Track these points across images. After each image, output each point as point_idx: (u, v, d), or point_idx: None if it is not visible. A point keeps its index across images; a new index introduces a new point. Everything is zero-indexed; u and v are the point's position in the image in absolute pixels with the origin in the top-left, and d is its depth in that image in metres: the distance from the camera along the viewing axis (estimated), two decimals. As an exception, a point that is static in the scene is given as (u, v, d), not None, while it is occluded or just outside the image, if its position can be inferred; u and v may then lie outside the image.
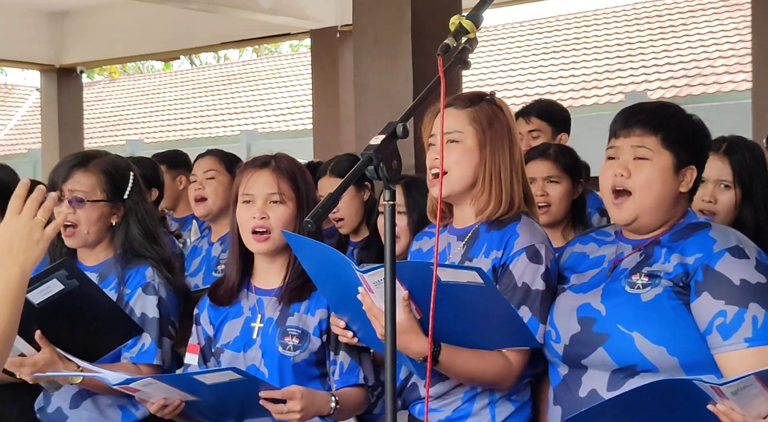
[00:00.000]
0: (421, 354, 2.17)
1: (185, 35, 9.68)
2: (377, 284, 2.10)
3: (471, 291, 2.09)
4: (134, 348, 2.65)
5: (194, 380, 2.33)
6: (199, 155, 4.10)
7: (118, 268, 2.72)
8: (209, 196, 3.92)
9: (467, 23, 2.03)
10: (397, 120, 1.92)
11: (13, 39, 9.91)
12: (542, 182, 3.39)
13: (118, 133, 18.86)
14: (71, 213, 2.68)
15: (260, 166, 2.56)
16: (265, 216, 2.51)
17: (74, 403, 2.71)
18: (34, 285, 2.40)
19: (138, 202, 2.78)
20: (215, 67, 22.23)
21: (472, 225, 2.41)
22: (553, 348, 2.26)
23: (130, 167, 2.82)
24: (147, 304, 2.67)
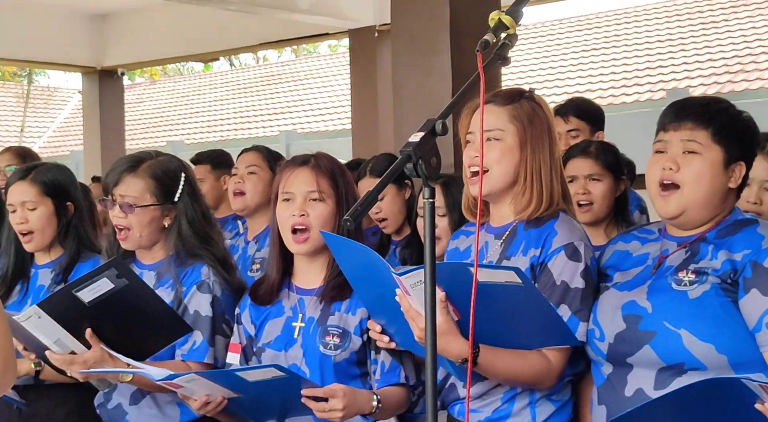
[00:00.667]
0: (460, 356, 2.16)
1: (224, 36, 9.73)
2: (414, 286, 2.09)
3: (509, 291, 2.07)
4: (185, 345, 2.67)
5: (237, 377, 2.34)
6: (244, 150, 4.10)
7: (173, 268, 2.73)
8: (248, 190, 3.92)
9: (507, 19, 2.01)
10: (436, 117, 1.91)
11: (55, 42, 10.03)
12: (584, 180, 3.35)
13: (159, 135, 19.02)
14: (123, 217, 2.72)
15: (300, 163, 2.57)
16: (304, 213, 2.51)
17: (134, 400, 2.73)
18: (84, 284, 2.43)
19: (189, 203, 2.78)
20: (254, 68, 22.34)
21: (510, 224, 2.39)
22: (596, 347, 2.23)
23: (181, 169, 2.82)
24: (201, 302, 2.68)
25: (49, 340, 2.50)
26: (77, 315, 2.46)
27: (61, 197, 3.02)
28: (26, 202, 2.97)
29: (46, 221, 2.99)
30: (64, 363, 2.51)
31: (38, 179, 3.00)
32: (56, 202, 3.01)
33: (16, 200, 2.98)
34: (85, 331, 2.48)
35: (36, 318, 2.44)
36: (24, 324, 2.45)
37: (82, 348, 2.51)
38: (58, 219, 3.01)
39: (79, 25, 10.11)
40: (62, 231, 3.02)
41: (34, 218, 2.97)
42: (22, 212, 2.98)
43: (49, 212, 2.99)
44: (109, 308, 2.47)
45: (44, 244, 3.01)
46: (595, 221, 3.35)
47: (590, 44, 15.43)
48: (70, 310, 2.45)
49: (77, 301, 2.43)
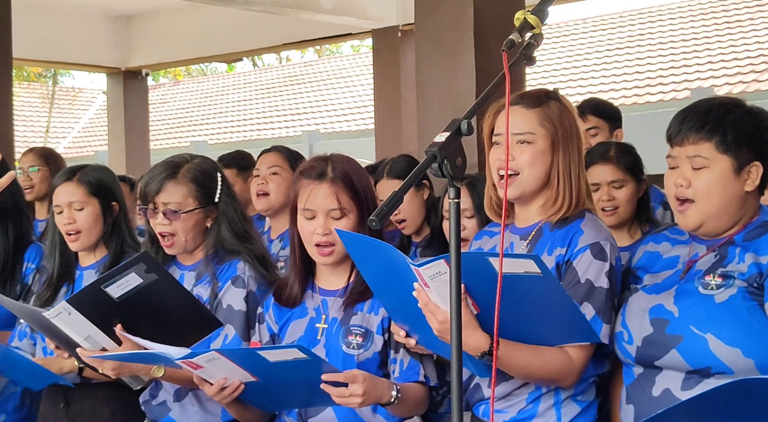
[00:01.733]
0: (479, 350, 2.15)
1: (248, 37, 9.76)
2: (433, 278, 2.07)
3: (529, 283, 2.05)
4: (217, 339, 2.68)
5: (258, 356, 2.32)
6: (264, 150, 4.13)
7: (211, 266, 2.76)
8: (271, 191, 3.94)
9: (532, 18, 2.01)
10: (462, 117, 1.91)
11: (80, 43, 10.09)
12: (608, 187, 3.33)
13: (183, 135, 19.11)
14: (167, 224, 2.75)
15: (317, 177, 2.51)
16: (327, 231, 2.49)
17: (178, 396, 2.76)
18: (113, 279, 2.44)
19: (228, 202, 2.83)
20: (277, 69, 22.39)
21: (536, 224, 2.38)
22: (625, 350, 2.22)
23: (216, 169, 2.86)
24: (235, 297, 2.70)
25: (80, 337, 2.50)
26: (107, 310, 2.47)
27: (107, 197, 3.05)
28: (73, 202, 3.00)
29: (93, 221, 3.01)
30: (95, 360, 2.53)
31: (84, 180, 3.02)
32: (102, 202, 3.03)
33: (62, 201, 3.00)
34: (116, 328, 2.49)
35: (66, 315, 2.44)
36: (54, 321, 2.46)
37: (112, 345, 2.52)
38: (104, 219, 3.03)
39: (104, 26, 10.17)
40: (107, 231, 3.04)
41: (81, 218, 3.00)
42: (69, 212, 3.00)
43: (95, 212, 3.02)
44: (139, 303, 2.48)
45: (90, 243, 3.04)
46: (620, 223, 3.34)
47: (614, 43, 15.36)
48: (99, 306, 2.46)
49: (106, 297, 2.44)
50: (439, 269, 2.05)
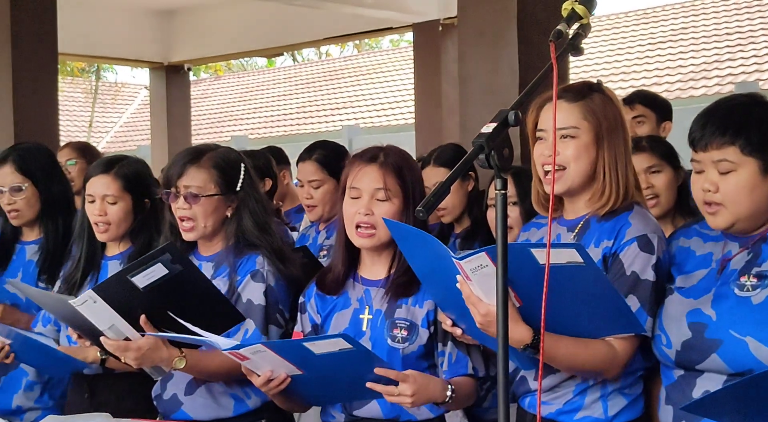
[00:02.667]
0: (522, 343, 2.14)
1: (288, 31, 9.80)
2: (474, 271, 2.07)
3: (572, 273, 2.04)
4: (237, 334, 2.67)
5: (303, 347, 2.32)
6: (301, 157, 4.06)
7: (231, 258, 2.75)
8: (318, 203, 3.94)
9: (580, 8, 2.00)
10: (509, 108, 1.90)
11: (124, 38, 10.19)
12: (645, 175, 3.30)
13: (224, 130, 19.23)
14: (187, 208, 2.75)
15: (368, 160, 2.55)
16: (369, 212, 2.51)
17: (189, 390, 2.75)
18: (139, 269, 2.44)
19: (250, 193, 2.81)
20: (317, 64, 22.46)
21: (583, 216, 2.37)
22: (664, 353, 2.20)
23: (241, 159, 2.85)
24: (254, 291, 2.70)
25: (104, 326, 2.52)
26: (132, 300, 2.48)
27: (140, 193, 3.06)
28: (107, 195, 3.01)
29: (124, 216, 3.03)
30: (118, 349, 2.53)
31: (121, 173, 3.03)
32: (135, 198, 3.05)
33: (96, 192, 3.02)
34: (140, 318, 2.50)
35: (91, 303, 2.46)
36: (79, 309, 2.47)
37: (136, 335, 2.52)
38: (135, 214, 3.05)
39: (146, 21, 10.26)
40: (136, 226, 3.06)
41: (112, 212, 3.01)
42: (102, 204, 3.01)
43: (127, 207, 3.03)
44: (163, 294, 2.48)
45: (117, 236, 3.06)
46: (663, 214, 3.30)
47: (657, 37, 15.21)
48: (124, 296, 2.47)
49: (132, 286, 2.45)
50: (481, 262, 2.04)
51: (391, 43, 25.19)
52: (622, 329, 2.20)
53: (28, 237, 3.41)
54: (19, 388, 3.26)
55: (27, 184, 3.32)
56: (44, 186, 3.34)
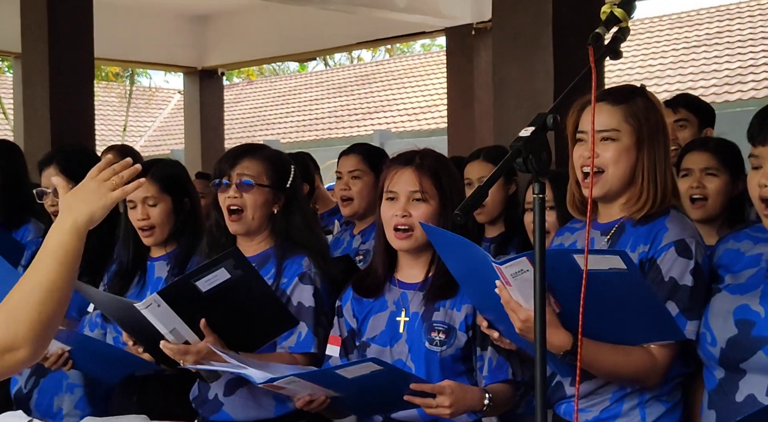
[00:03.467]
0: (561, 349, 2.13)
1: (321, 36, 9.82)
2: (515, 276, 2.06)
3: (614, 280, 2.02)
4: (291, 337, 2.70)
5: (335, 374, 2.35)
6: (344, 152, 4.11)
7: (278, 257, 2.77)
8: (355, 196, 3.93)
9: (619, 12, 1.99)
10: (547, 111, 1.89)
11: (158, 43, 10.27)
12: (699, 174, 3.26)
13: (256, 134, 19.33)
14: (237, 197, 2.77)
15: (404, 163, 2.57)
16: (407, 214, 2.52)
17: (228, 390, 2.77)
18: (203, 274, 2.47)
19: (298, 193, 2.86)
20: (349, 68, 22.51)
21: (618, 220, 2.35)
22: (708, 351, 2.17)
23: (291, 161, 2.91)
24: (303, 293, 2.72)
25: (166, 329, 2.54)
26: (193, 304, 2.51)
27: (179, 193, 3.09)
28: (147, 198, 3.04)
29: (166, 217, 3.05)
30: (178, 352, 2.55)
31: (157, 176, 3.06)
32: (175, 198, 3.07)
33: (137, 196, 3.04)
34: (200, 322, 2.53)
35: (155, 306, 2.49)
36: (144, 312, 2.50)
37: (195, 339, 2.55)
38: (176, 215, 3.07)
39: (181, 26, 10.33)
40: (179, 226, 3.08)
41: (154, 214, 3.04)
42: (143, 208, 3.04)
43: (168, 208, 3.06)
44: (223, 298, 2.50)
45: (162, 239, 3.08)
46: (708, 218, 3.25)
47: (692, 41, 15.09)
48: (187, 299, 2.49)
49: (195, 291, 2.48)
50: (521, 267, 2.03)
51: (423, 47, 25.21)
52: (663, 336, 2.19)
53: None
54: (60, 391, 3.28)
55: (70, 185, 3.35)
56: None
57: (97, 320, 3.16)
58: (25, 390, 3.33)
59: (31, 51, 6.69)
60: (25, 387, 3.33)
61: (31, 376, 3.32)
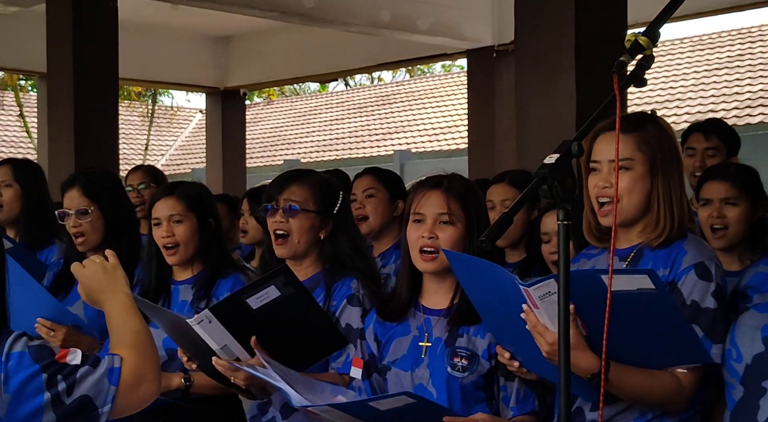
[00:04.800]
0: (589, 372, 2.13)
1: (343, 57, 9.88)
2: (542, 298, 2.07)
3: (640, 301, 2.03)
4: (340, 358, 2.72)
5: (369, 407, 2.34)
6: (357, 175, 4.16)
7: (327, 281, 2.80)
8: (370, 214, 3.97)
9: (643, 40, 2.01)
10: (572, 138, 1.90)
11: (182, 63, 10.36)
12: (719, 204, 3.24)
13: (276, 153, 19.40)
14: (284, 222, 2.81)
15: (432, 186, 2.58)
16: (433, 236, 2.52)
17: (285, 413, 2.78)
18: (254, 291, 2.49)
19: (346, 219, 2.89)
20: (369, 88, 22.58)
21: (636, 245, 2.36)
22: (732, 368, 2.17)
23: (340, 187, 2.94)
24: (352, 315, 2.74)
25: (217, 346, 2.56)
26: (244, 321, 2.53)
27: (204, 213, 3.11)
28: (173, 215, 3.06)
29: (191, 235, 3.07)
30: (229, 369, 2.58)
31: (184, 194, 3.09)
32: (199, 218, 3.09)
33: (162, 214, 3.07)
34: (251, 339, 2.55)
35: (207, 323, 2.51)
36: (195, 328, 2.52)
37: (246, 356, 2.57)
38: (201, 235, 3.09)
39: (204, 47, 10.42)
40: (203, 247, 3.10)
41: (179, 232, 3.06)
42: (168, 226, 3.06)
43: (193, 227, 3.08)
44: (274, 316, 2.53)
45: (187, 258, 3.09)
46: (729, 247, 3.25)
47: (713, 64, 15.04)
48: (238, 316, 2.52)
49: (246, 308, 2.50)
50: (549, 289, 2.04)
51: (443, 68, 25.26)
52: (689, 359, 2.19)
53: None
54: None
55: (93, 207, 3.37)
56: (109, 210, 3.38)
57: None
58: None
59: (57, 70, 6.78)
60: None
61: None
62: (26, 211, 3.90)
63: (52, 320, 3.21)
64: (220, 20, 9.18)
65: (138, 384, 1.90)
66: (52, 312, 3.24)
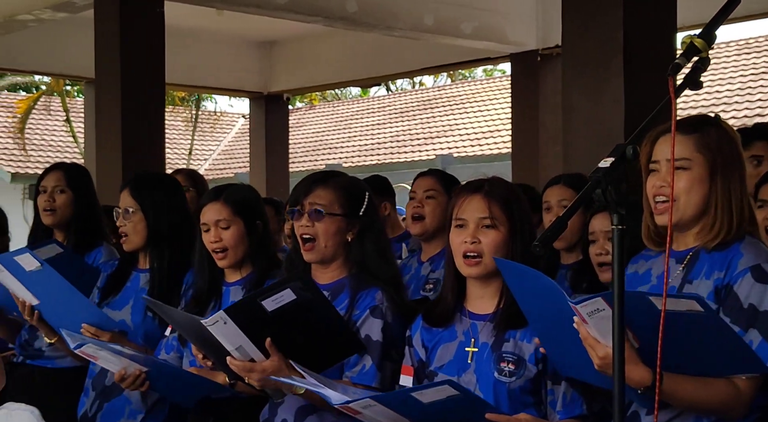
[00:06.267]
0: (641, 384, 2.11)
1: (386, 61, 9.90)
2: (591, 315, 2.06)
3: (692, 319, 2.02)
4: (355, 367, 2.69)
5: (411, 397, 2.32)
6: (421, 173, 4.17)
7: (352, 288, 2.78)
8: (427, 215, 3.96)
9: (699, 42, 1.99)
10: (626, 142, 1.89)
11: (226, 68, 10.44)
12: None
13: (318, 158, 19.48)
14: (309, 226, 2.80)
15: (473, 190, 2.57)
16: (476, 240, 2.51)
17: (299, 417, 2.77)
18: (269, 293, 2.49)
19: (373, 221, 2.86)
20: (411, 93, 22.59)
21: (693, 248, 2.34)
22: None
23: (366, 188, 2.92)
24: (373, 327, 2.71)
25: (231, 346, 2.56)
26: (259, 323, 2.53)
27: (251, 216, 3.12)
28: (220, 221, 3.08)
29: (239, 239, 3.09)
30: (243, 369, 2.58)
31: (230, 199, 3.10)
32: (247, 221, 3.10)
33: (210, 219, 3.09)
34: (266, 340, 2.54)
35: (221, 324, 2.51)
36: (210, 328, 2.53)
37: (261, 357, 2.57)
38: (249, 238, 3.11)
39: (248, 52, 10.50)
40: (253, 249, 3.12)
41: (227, 236, 3.07)
42: (216, 231, 3.08)
43: (241, 230, 3.09)
44: (289, 319, 2.52)
45: (236, 261, 3.11)
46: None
47: (759, 67, 14.86)
48: (253, 318, 2.51)
49: (261, 310, 2.50)
50: (597, 306, 2.04)
51: (485, 72, 25.20)
52: (744, 369, 2.16)
53: (143, 266, 3.48)
54: (121, 416, 3.32)
55: (135, 208, 3.41)
56: (152, 215, 3.40)
57: (174, 343, 3.20)
58: (90, 413, 3.38)
59: (104, 76, 6.86)
60: (90, 410, 3.39)
61: (96, 400, 3.38)
62: (77, 215, 3.95)
63: (96, 327, 3.26)
64: (264, 25, 9.24)
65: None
66: (94, 319, 3.29)
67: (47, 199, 3.93)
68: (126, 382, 3.02)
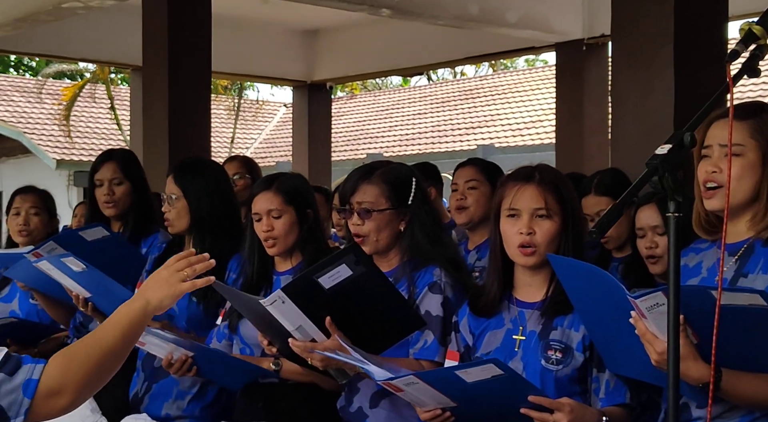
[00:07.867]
0: (700, 381, 2.10)
1: (429, 50, 9.87)
2: (650, 310, 2.05)
3: (752, 314, 2.00)
4: (417, 344, 2.72)
5: (456, 376, 2.32)
6: (460, 164, 4.17)
7: (408, 271, 2.81)
8: (471, 205, 3.97)
9: (758, 29, 1.96)
10: (684, 128, 1.88)
11: (269, 57, 10.47)
12: None
13: (359, 147, 19.50)
14: (360, 224, 2.83)
15: (525, 179, 2.56)
16: (532, 231, 2.51)
17: (373, 402, 2.81)
18: (325, 270, 2.50)
19: (421, 207, 2.87)
20: (452, 83, 22.53)
21: (746, 240, 2.30)
22: None
23: (412, 174, 2.92)
24: (432, 303, 2.74)
25: (291, 327, 2.59)
26: (317, 301, 2.55)
27: (302, 205, 3.15)
28: (272, 210, 3.11)
29: (290, 228, 3.12)
30: (304, 350, 2.61)
31: (281, 188, 3.13)
32: (298, 210, 3.13)
33: (261, 209, 3.12)
34: (325, 319, 2.56)
35: (280, 303, 2.53)
36: (269, 308, 2.55)
37: (321, 337, 2.59)
38: (300, 226, 3.14)
39: (292, 40, 10.51)
40: (303, 238, 3.14)
41: (279, 225, 3.10)
42: (268, 220, 3.11)
43: (292, 219, 3.12)
44: (347, 296, 2.54)
45: (286, 249, 3.14)
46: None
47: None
48: (311, 296, 2.54)
49: (318, 287, 2.52)
50: (657, 301, 2.03)
51: (527, 62, 25.06)
52: None
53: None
54: (169, 397, 3.37)
55: (179, 195, 3.45)
56: (195, 202, 3.43)
57: (225, 331, 3.23)
58: (140, 394, 3.43)
59: (152, 63, 6.92)
60: (141, 390, 3.44)
61: (145, 381, 3.43)
62: (135, 204, 4.00)
63: None
64: (308, 14, 9.25)
65: (52, 395, 1.88)
66: None
67: (106, 193, 3.98)
68: (173, 368, 3.07)
